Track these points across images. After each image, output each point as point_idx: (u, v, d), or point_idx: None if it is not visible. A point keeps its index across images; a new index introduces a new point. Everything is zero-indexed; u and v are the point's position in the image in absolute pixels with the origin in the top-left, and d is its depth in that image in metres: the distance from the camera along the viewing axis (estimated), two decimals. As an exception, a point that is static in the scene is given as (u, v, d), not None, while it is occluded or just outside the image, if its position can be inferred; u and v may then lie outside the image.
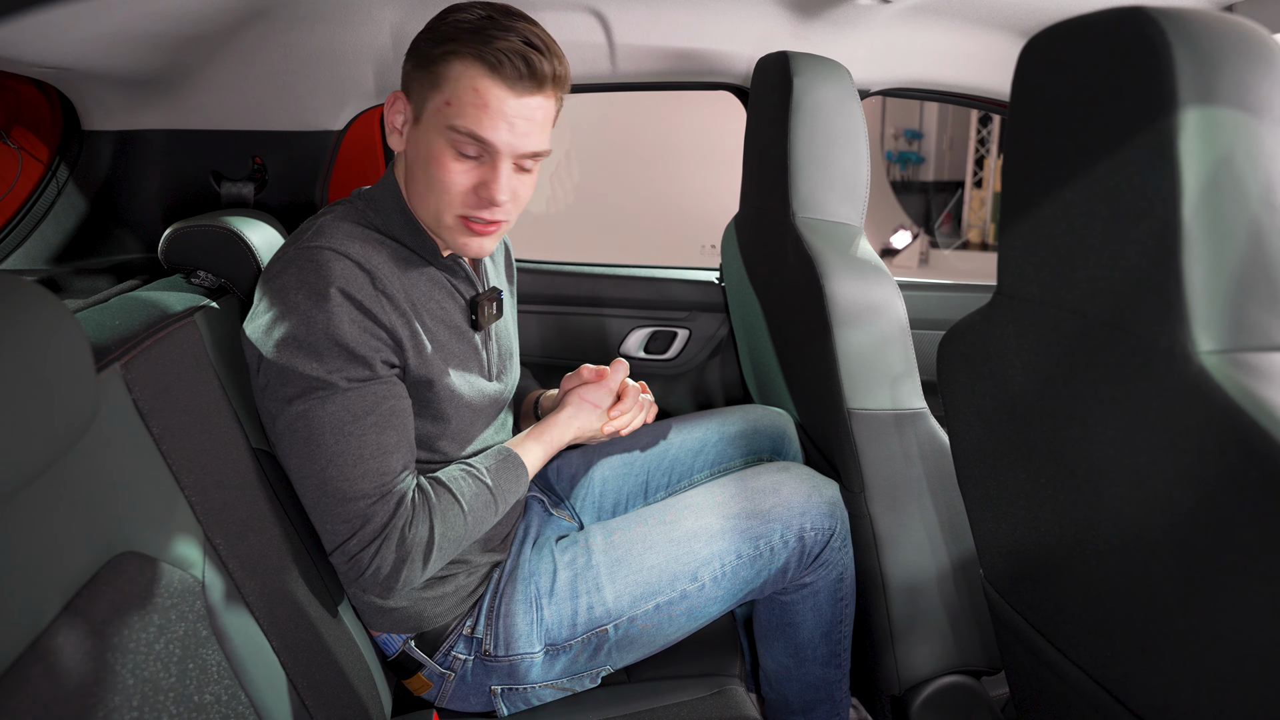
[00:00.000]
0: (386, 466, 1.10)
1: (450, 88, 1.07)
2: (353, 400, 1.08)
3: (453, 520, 1.16)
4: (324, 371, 1.06)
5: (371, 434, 1.09)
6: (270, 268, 1.11)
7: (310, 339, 1.05)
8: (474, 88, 1.06)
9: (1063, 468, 0.86)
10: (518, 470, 1.27)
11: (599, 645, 1.30)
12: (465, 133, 1.07)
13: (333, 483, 1.08)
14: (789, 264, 1.45)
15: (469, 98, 1.06)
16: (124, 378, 0.91)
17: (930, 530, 1.40)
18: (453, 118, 1.07)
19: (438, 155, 1.10)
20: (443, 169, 1.10)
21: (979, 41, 1.86)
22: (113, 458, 0.84)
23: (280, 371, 1.07)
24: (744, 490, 1.38)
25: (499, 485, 1.23)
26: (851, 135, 1.46)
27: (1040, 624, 1.01)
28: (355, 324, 1.07)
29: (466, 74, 1.06)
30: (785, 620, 1.46)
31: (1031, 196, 0.85)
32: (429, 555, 1.13)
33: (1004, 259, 0.92)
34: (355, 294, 1.07)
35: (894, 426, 1.35)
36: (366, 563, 1.10)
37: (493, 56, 1.04)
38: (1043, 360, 0.86)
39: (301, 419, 1.07)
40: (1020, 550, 1.00)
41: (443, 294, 1.22)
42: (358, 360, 1.07)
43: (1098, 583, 0.85)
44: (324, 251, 1.08)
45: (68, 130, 1.52)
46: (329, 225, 1.13)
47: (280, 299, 1.06)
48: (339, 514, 1.09)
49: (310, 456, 1.08)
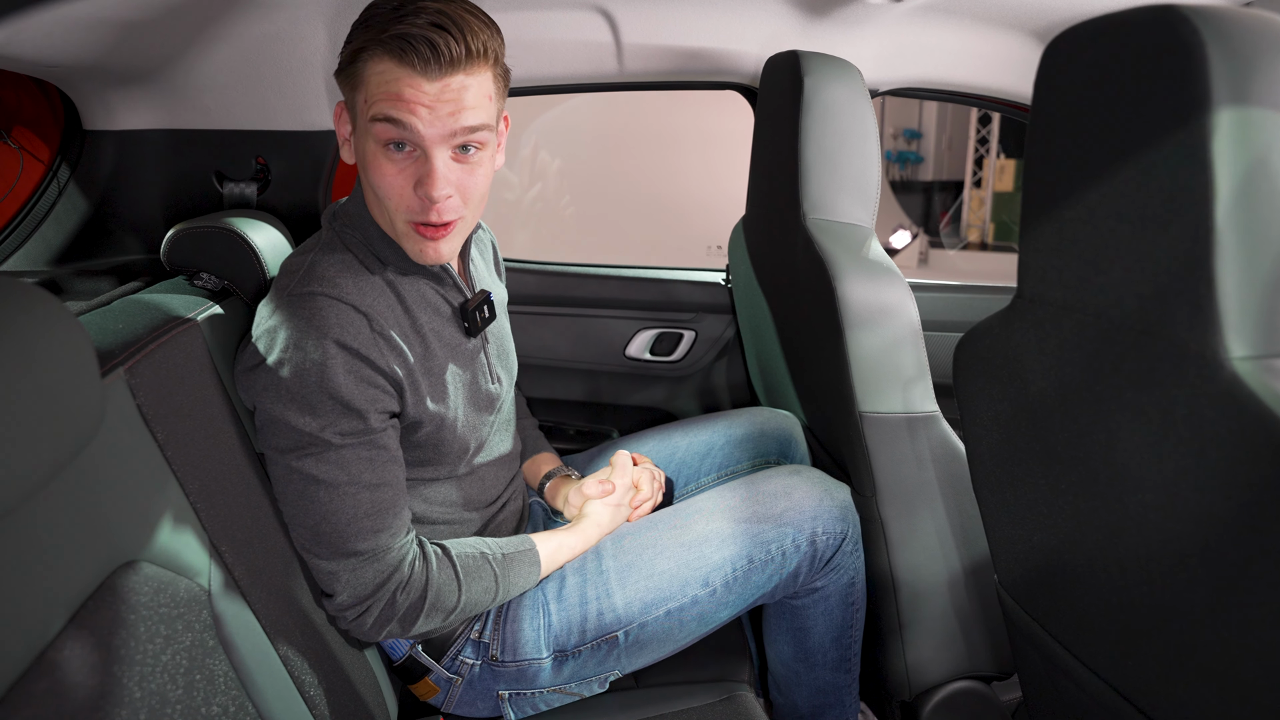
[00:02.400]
0: (382, 525, 1.09)
1: (365, 87, 1.02)
2: (348, 457, 1.06)
3: (446, 595, 1.16)
4: (317, 427, 1.04)
5: (366, 493, 1.08)
6: (263, 315, 1.09)
7: (304, 392, 1.03)
8: (384, 79, 1.00)
9: (1084, 474, 0.85)
10: (532, 567, 1.27)
11: (608, 651, 1.29)
12: (383, 119, 1.01)
13: (326, 538, 1.08)
14: (799, 265, 1.44)
15: (382, 91, 1.00)
16: (128, 382, 0.89)
17: (942, 534, 1.38)
18: (371, 110, 1.02)
19: (372, 159, 1.05)
20: (378, 172, 1.05)
21: (990, 41, 1.84)
22: (117, 464, 0.83)
23: (273, 422, 1.06)
24: (755, 494, 1.37)
25: (506, 576, 1.23)
26: (863, 135, 1.44)
27: (1057, 631, 0.99)
28: (352, 375, 1.05)
29: (377, 68, 1.00)
30: (795, 624, 1.45)
31: (1054, 199, 0.83)
32: (415, 620, 1.14)
33: (1025, 262, 0.90)
34: (351, 343, 1.05)
35: (906, 430, 1.34)
36: (352, 617, 1.11)
37: (396, 45, 0.98)
38: (1065, 365, 0.85)
39: (296, 473, 1.06)
40: (1038, 557, 0.99)
41: (433, 309, 1.20)
42: (353, 414, 1.05)
43: (1120, 591, 0.84)
44: (316, 298, 1.06)
45: (69, 130, 1.50)
46: (319, 264, 1.10)
47: (273, 350, 1.05)
48: (329, 568, 1.09)
49: (305, 510, 1.07)
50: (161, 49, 1.35)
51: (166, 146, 1.55)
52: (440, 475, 1.26)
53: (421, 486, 1.25)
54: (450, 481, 1.28)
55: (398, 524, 1.12)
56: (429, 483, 1.25)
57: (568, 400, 2.26)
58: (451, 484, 1.28)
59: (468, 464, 1.28)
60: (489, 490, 1.35)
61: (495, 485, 1.36)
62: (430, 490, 1.26)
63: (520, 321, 2.14)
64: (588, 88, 1.90)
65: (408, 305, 1.16)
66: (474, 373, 1.25)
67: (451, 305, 1.23)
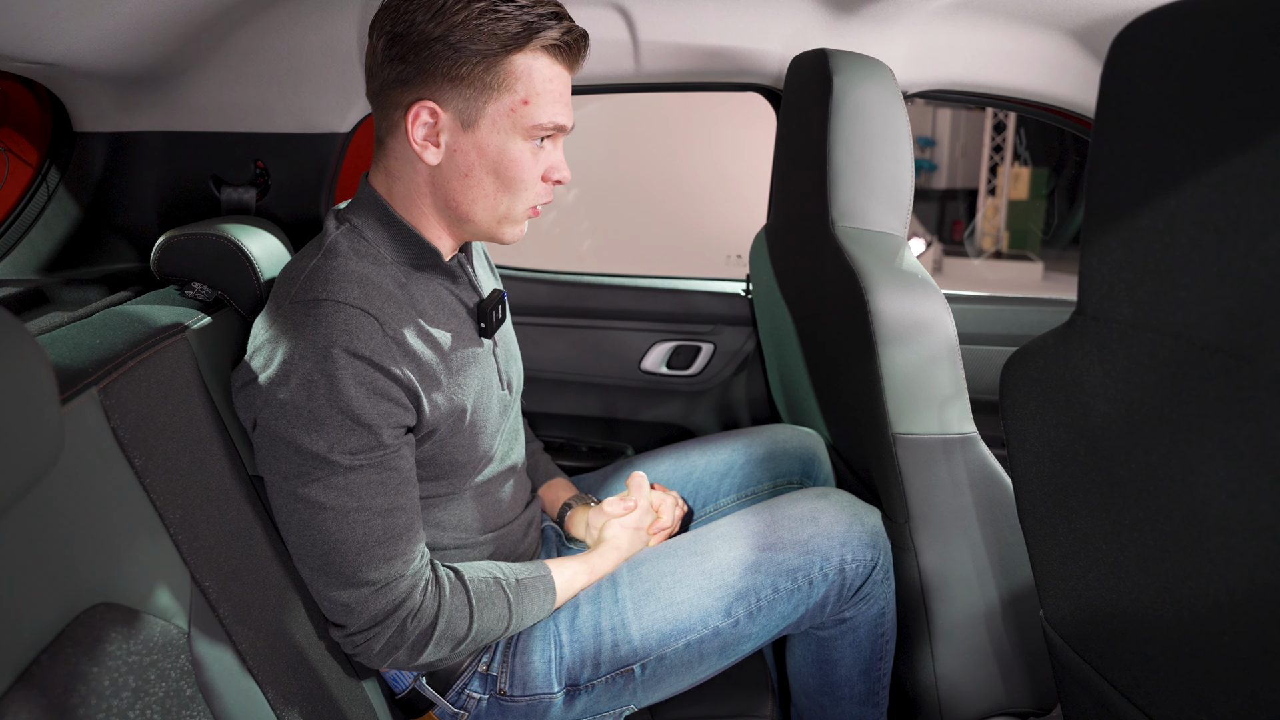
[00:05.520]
0: (395, 552, 1.03)
1: (524, 86, 1.03)
2: (357, 481, 0.99)
3: (457, 623, 1.10)
4: (324, 446, 0.97)
5: (378, 519, 1.01)
6: (261, 327, 1.03)
7: (310, 407, 0.96)
8: (549, 78, 1.04)
9: (1153, 510, 0.77)
10: (547, 595, 1.22)
11: (624, 685, 1.23)
12: (553, 127, 1.07)
13: (335, 568, 1.01)
14: (827, 276, 1.37)
15: (549, 90, 1.05)
16: (102, 403, 0.82)
17: (979, 563, 1.31)
18: (535, 116, 1.04)
19: (515, 156, 1.06)
20: (522, 167, 1.07)
21: (1026, 42, 1.77)
22: (85, 495, 0.75)
23: (275, 443, 0.98)
24: (780, 519, 1.31)
25: (519, 603, 1.18)
26: (895, 138, 1.37)
27: (1114, 676, 0.91)
28: (364, 386, 0.98)
29: (537, 67, 1.03)
30: (822, 657, 1.39)
31: (1123, 206, 0.75)
32: (424, 648, 1.08)
33: (1086, 276, 0.82)
34: (362, 350, 0.98)
35: (942, 452, 1.26)
36: (360, 643, 1.05)
37: (563, 45, 1.04)
38: (1134, 389, 0.77)
39: (301, 500, 0.99)
40: (1092, 595, 0.91)
41: (448, 309, 1.15)
42: (364, 429, 0.98)
43: (1194, 639, 0.76)
44: (321, 304, 0.99)
45: (58, 132, 1.45)
46: (322, 268, 1.04)
47: (274, 363, 0.98)
48: (338, 598, 1.03)
49: (311, 540, 1.01)
50: (155, 46, 1.29)
51: (161, 149, 1.51)
52: (454, 490, 1.19)
53: (434, 509, 1.19)
54: (463, 500, 1.22)
55: (413, 550, 1.05)
56: (442, 501, 1.19)
57: (580, 416, 2.21)
58: (464, 503, 1.22)
59: (481, 475, 1.22)
60: (504, 511, 1.29)
61: (510, 504, 1.31)
62: (443, 513, 1.20)
63: (531, 333, 2.09)
64: (603, 89, 1.85)
65: (421, 306, 1.10)
66: (488, 375, 1.20)
67: (466, 305, 1.18)
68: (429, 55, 1.01)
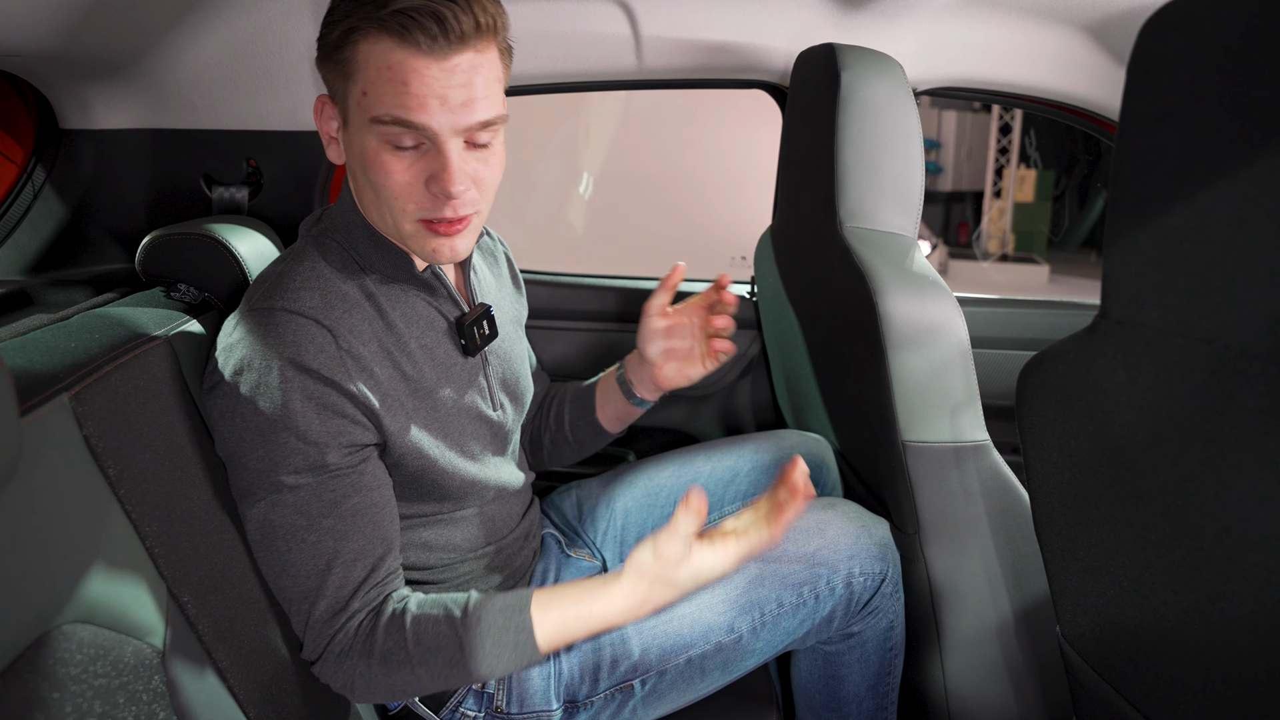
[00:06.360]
0: (346, 579, 0.98)
1: (361, 74, 0.91)
2: (305, 500, 0.96)
3: (396, 662, 0.99)
4: (270, 463, 0.94)
5: (328, 541, 0.97)
6: (226, 330, 1.00)
7: (256, 421, 0.93)
8: (385, 65, 0.90)
9: (1182, 525, 0.73)
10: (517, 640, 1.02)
11: (623, 701, 1.19)
12: (391, 121, 0.91)
13: (285, 591, 0.98)
14: (835, 278, 1.33)
15: (383, 79, 0.90)
16: (73, 410, 0.78)
17: (991, 575, 1.27)
18: (373, 108, 0.91)
19: (372, 156, 0.95)
20: (382, 171, 0.95)
21: (1037, 37, 1.73)
22: (51, 507, 0.71)
23: (229, 456, 0.96)
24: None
25: (470, 645, 1.00)
26: (905, 136, 1.33)
27: (1136, 697, 0.87)
28: (311, 401, 0.94)
29: (374, 52, 0.90)
30: (828, 672, 1.35)
31: (1153, 203, 0.71)
32: (373, 683, 1.00)
33: (1111, 278, 0.78)
34: (310, 363, 0.94)
35: (954, 461, 1.22)
36: (319, 672, 1.02)
37: (396, 22, 0.88)
38: (1162, 398, 0.73)
39: (251, 520, 0.98)
40: (1113, 612, 0.87)
41: (424, 323, 1.10)
42: (310, 446, 0.94)
43: (1223, 664, 0.72)
44: (276, 313, 0.95)
45: (44, 129, 1.42)
46: (286, 275, 1.00)
47: (227, 370, 0.95)
48: (296, 620, 1.00)
49: (265, 560, 0.99)
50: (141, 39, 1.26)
51: (150, 147, 1.47)
52: (441, 512, 1.15)
53: (421, 528, 1.15)
54: (451, 523, 1.17)
55: (369, 577, 1.00)
56: (429, 521, 1.15)
57: None
58: (452, 525, 1.18)
59: (469, 502, 1.18)
60: (497, 528, 1.24)
61: (504, 520, 1.26)
62: (430, 533, 1.16)
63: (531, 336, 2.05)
64: (603, 85, 1.81)
65: (390, 319, 1.05)
66: (472, 397, 1.15)
67: (447, 319, 1.12)
68: (319, 41, 0.96)
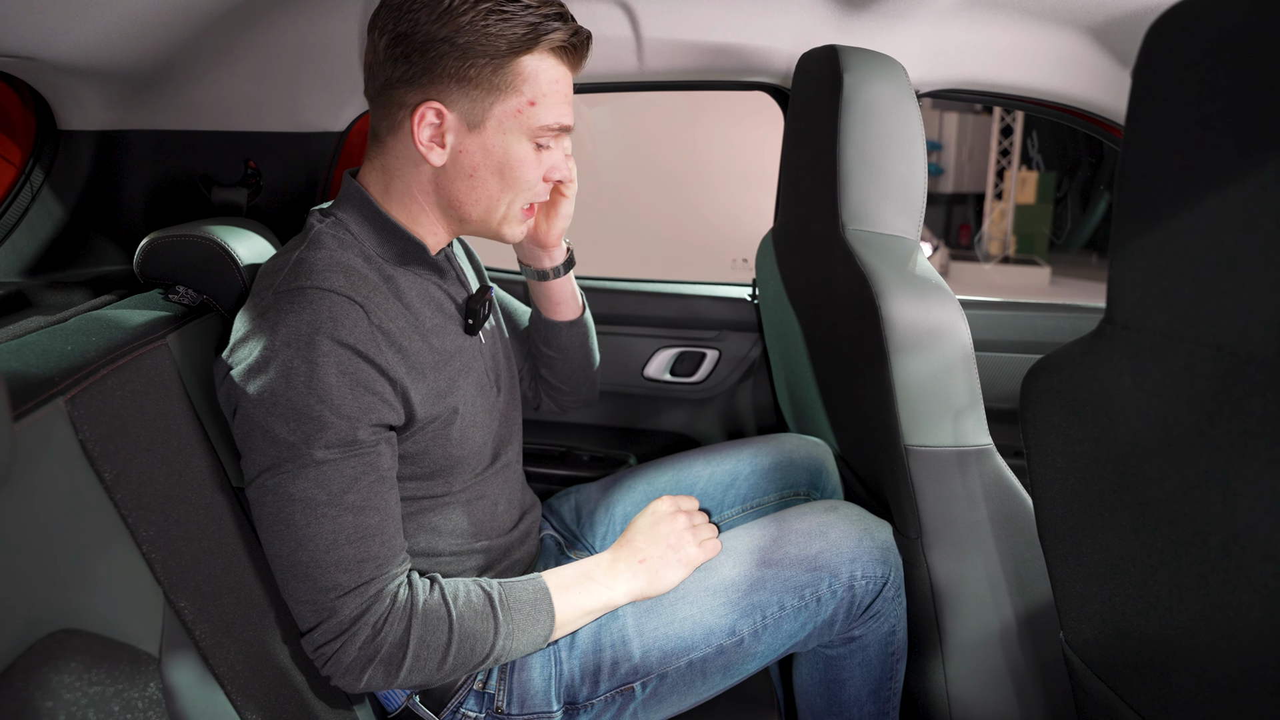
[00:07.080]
0: (365, 554, 0.99)
1: (531, 88, 1.03)
2: (329, 475, 0.96)
3: (435, 637, 1.03)
4: (299, 436, 0.94)
5: (348, 516, 0.97)
6: (242, 321, 1.00)
7: (289, 395, 0.93)
8: (555, 80, 1.05)
9: (1188, 533, 0.72)
10: (538, 614, 1.12)
11: (624, 704, 1.19)
12: (559, 128, 1.07)
13: (302, 568, 0.97)
14: (837, 281, 1.32)
15: (554, 92, 1.05)
16: (69, 414, 0.78)
17: (994, 580, 1.26)
18: (542, 117, 1.05)
19: (520, 156, 1.06)
20: (526, 167, 1.07)
21: (1041, 39, 1.72)
22: (46, 511, 0.71)
23: (251, 432, 0.95)
24: (787, 533, 1.26)
25: (509, 624, 1.09)
26: (908, 138, 1.32)
27: (1141, 705, 0.87)
28: (346, 376, 0.95)
29: (543, 69, 1.04)
30: (830, 676, 1.35)
31: (1159, 207, 0.70)
32: (401, 664, 1.01)
33: (1116, 283, 0.77)
34: (347, 338, 0.95)
35: (956, 465, 1.21)
36: (329, 655, 0.99)
37: (569, 46, 1.04)
38: (1168, 404, 0.72)
39: (270, 492, 0.96)
40: (1118, 619, 0.86)
41: (435, 304, 1.13)
42: (342, 421, 0.95)
43: (1231, 674, 0.71)
44: (307, 291, 0.97)
45: (42, 130, 1.41)
46: (306, 259, 1.02)
47: (256, 350, 0.95)
48: (308, 600, 0.98)
49: (279, 535, 0.97)
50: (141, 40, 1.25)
51: (149, 149, 1.47)
52: (448, 491, 1.16)
53: (429, 512, 1.15)
54: (457, 504, 1.18)
55: (386, 554, 1.01)
56: (437, 504, 1.16)
57: (581, 424, 2.17)
58: (458, 507, 1.18)
59: (475, 476, 1.19)
60: (499, 517, 1.26)
61: (506, 511, 1.27)
62: (438, 517, 1.16)
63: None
64: (604, 87, 1.81)
65: (407, 300, 1.08)
66: (477, 373, 1.19)
67: (455, 301, 1.17)
68: (435, 56, 0.99)
